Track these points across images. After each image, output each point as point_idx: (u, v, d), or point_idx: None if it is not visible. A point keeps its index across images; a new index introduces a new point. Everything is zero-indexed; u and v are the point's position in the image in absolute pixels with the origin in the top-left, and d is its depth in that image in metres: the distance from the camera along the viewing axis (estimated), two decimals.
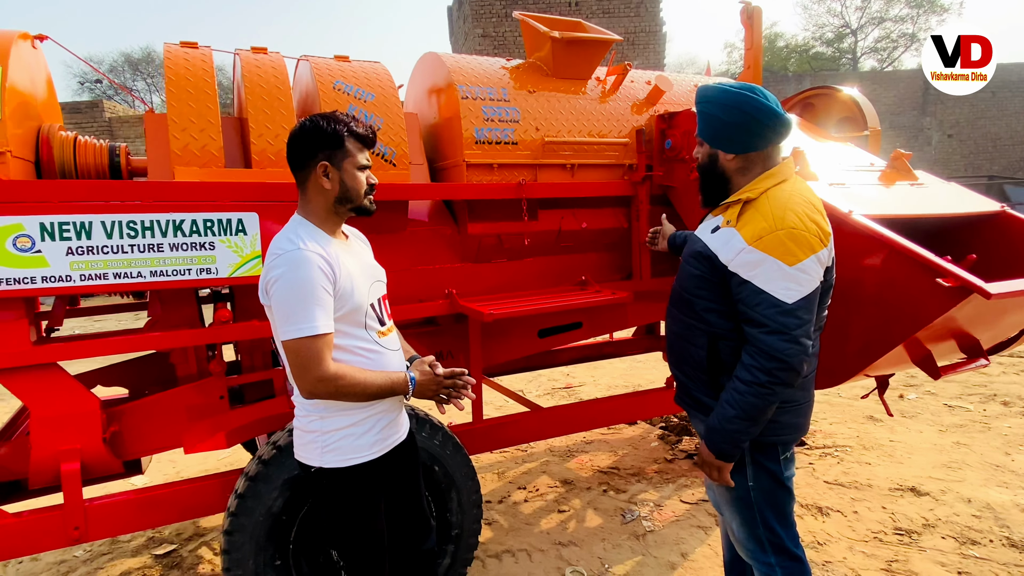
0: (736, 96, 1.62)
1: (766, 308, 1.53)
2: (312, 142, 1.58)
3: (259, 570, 2.00)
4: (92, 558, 2.92)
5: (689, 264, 1.73)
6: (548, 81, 2.97)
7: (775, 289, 1.52)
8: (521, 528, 3.05)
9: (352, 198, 1.62)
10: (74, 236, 2.00)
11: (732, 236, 1.59)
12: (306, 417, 1.62)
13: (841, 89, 3.47)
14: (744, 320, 1.59)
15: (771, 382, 1.53)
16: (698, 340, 1.71)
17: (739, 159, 1.65)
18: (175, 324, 2.37)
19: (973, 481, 3.36)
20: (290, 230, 1.59)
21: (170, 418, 2.31)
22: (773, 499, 1.74)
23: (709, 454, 1.67)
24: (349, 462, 1.60)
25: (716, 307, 1.66)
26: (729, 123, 1.63)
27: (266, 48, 2.58)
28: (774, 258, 1.51)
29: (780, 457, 1.72)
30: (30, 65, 2.37)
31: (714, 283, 1.64)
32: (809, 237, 1.53)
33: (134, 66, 28.76)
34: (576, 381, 5.68)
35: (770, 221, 1.54)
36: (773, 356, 1.52)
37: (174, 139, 2.20)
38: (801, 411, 1.74)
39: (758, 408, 1.56)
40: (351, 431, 1.61)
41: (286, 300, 1.49)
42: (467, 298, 2.63)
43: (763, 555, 1.77)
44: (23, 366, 2.03)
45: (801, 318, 1.53)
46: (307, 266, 1.49)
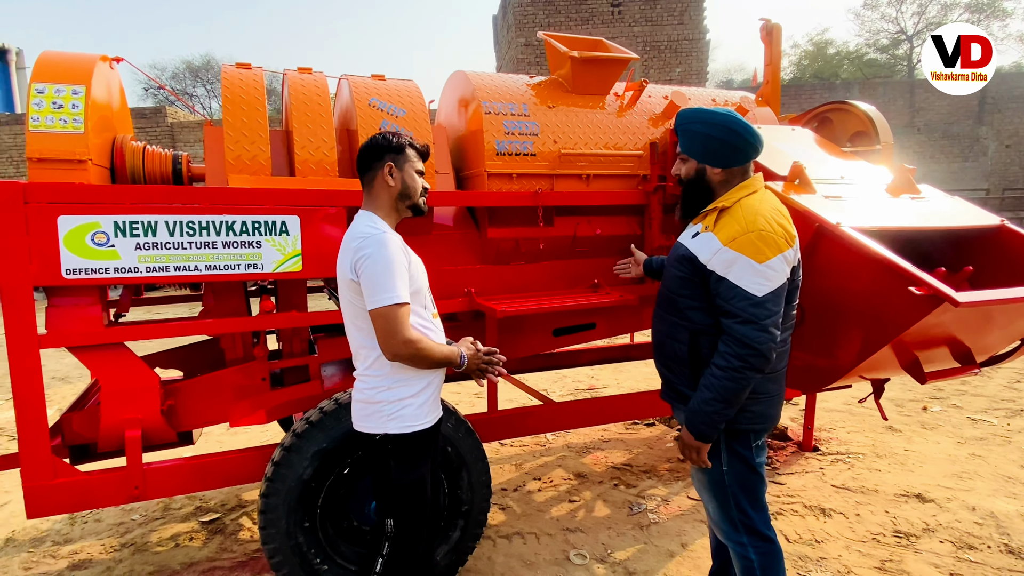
0: (724, 117, 1.86)
1: (739, 301, 1.73)
2: (381, 148, 1.92)
3: (290, 530, 2.27)
4: (146, 521, 3.26)
5: (674, 267, 1.95)
6: (567, 97, 3.18)
7: (747, 284, 1.72)
8: (532, 514, 3.26)
9: (410, 195, 1.95)
10: (142, 233, 2.31)
11: (710, 239, 1.81)
12: (373, 389, 1.87)
13: (856, 104, 3.57)
14: (721, 313, 1.79)
15: (743, 367, 1.73)
16: (681, 336, 1.91)
17: (723, 173, 1.88)
18: (225, 313, 2.68)
19: (981, 491, 3.41)
20: (367, 219, 1.89)
21: (218, 396, 2.61)
22: (745, 483, 1.92)
23: (689, 436, 1.86)
24: (410, 428, 1.87)
25: (698, 305, 1.87)
26: (718, 140, 1.86)
27: (311, 68, 2.88)
28: (746, 256, 1.73)
29: (752, 444, 1.91)
30: (108, 83, 2.73)
31: (696, 283, 1.85)
32: (776, 239, 1.75)
33: (194, 73, 30.20)
34: (600, 383, 5.84)
35: (743, 224, 1.76)
36: (745, 344, 1.72)
37: (228, 150, 2.51)
38: (772, 402, 1.92)
39: (732, 391, 1.75)
40: (411, 401, 1.88)
41: (376, 274, 1.76)
42: (484, 297, 2.87)
43: (736, 535, 1.95)
44: (96, 344, 2.36)
45: (770, 310, 1.73)
46: (392, 246, 1.80)
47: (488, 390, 3.01)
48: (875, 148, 3.39)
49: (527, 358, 4.08)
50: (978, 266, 2.64)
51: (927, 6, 27.87)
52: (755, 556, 1.94)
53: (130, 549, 3.00)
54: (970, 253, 2.75)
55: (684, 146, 1.94)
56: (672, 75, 17.18)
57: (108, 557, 2.93)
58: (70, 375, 6.32)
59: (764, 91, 3.75)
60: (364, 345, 1.89)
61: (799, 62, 31.73)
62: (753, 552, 1.94)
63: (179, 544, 3.02)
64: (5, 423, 5.09)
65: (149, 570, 2.81)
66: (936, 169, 18.00)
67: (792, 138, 3.26)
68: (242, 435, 4.44)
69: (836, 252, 2.27)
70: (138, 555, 2.94)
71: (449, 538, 2.50)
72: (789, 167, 2.64)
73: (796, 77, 30.60)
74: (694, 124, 1.90)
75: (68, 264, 2.23)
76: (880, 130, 3.41)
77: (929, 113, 18.47)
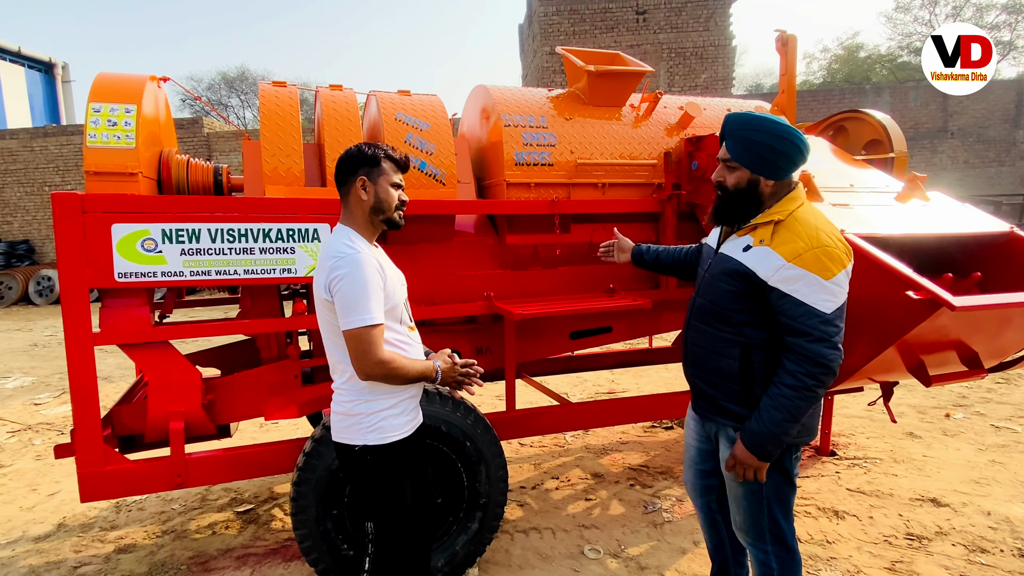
0: (783, 127, 1.78)
1: (809, 319, 1.70)
2: (355, 161, 1.90)
3: (319, 517, 2.43)
4: (186, 511, 3.47)
5: (723, 281, 1.88)
6: (584, 109, 3.31)
7: (815, 301, 1.69)
8: (549, 511, 3.37)
9: (384, 209, 1.91)
10: (187, 240, 2.51)
11: (769, 254, 1.76)
12: (351, 402, 1.88)
13: (872, 113, 3.63)
14: (786, 331, 1.75)
15: (816, 385, 1.72)
16: (730, 352, 1.87)
17: (775, 184, 1.82)
18: (262, 314, 2.86)
19: (998, 496, 3.42)
20: (343, 236, 1.87)
21: (254, 391, 2.80)
22: (781, 494, 1.93)
23: (749, 456, 1.81)
24: (389, 439, 1.89)
25: (752, 320, 1.83)
26: (778, 152, 1.78)
27: (341, 85, 3.06)
28: (813, 273, 1.69)
29: (793, 456, 1.92)
30: (156, 100, 2.95)
31: (750, 298, 1.81)
32: (840, 254, 1.73)
33: (229, 84, 31.07)
34: (620, 387, 5.93)
35: (806, 240, 1.72)
36: (818, 362, 1.70)
37: (266, 163, 2.70)
38: (815, 415, 1.93)
39: (802, 410, 1.74)
40: (389, 412, 1.89)
41: (350, 295, 1.75)
42: (503, 300, 3.00)
43: (762, 544, 1.97)
44: (145, 342, 2.56)
45: (838, 326, 1.72)
46: (366, 266, 1.78)
47: (506, 391, 3.15)
48: (889, 156, 3.45)
49: (547, 361, 4.21)
50: (988, 272, 2.69)
51: (962, 8, 27.30)
52: (776, 565, 1.96)
53: (171, 535, 3.19)
54: (981, 259, 2.79)
55: (736, 154, 1.83)
56: (698, 82, 17.17)
57: (151, 542, 3.13)
58: (112, 375, 6.64)
59: (779, 100, 3.83)
60: (341, 360, 1.89)
61: (829, 66, 31.30)
62: (775, 562, 1.96)
63: (216, 532, 3.22)
64: (53, 418, 5.39)
65: (188, 555, 3.00)
66: (971, 174, 17.60)
67: None
68: (272, 432, 4.64)
69: None
70: (178, 541, 3.14)
71: (468, 529, 2.64)
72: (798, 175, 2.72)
73: (827, 81, 30.20)
74: (751, 131, 1.81)
75: (120, 268, 2.44)
76: (894, 138, 3.47)
77: (963, 117, 18.07)
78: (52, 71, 21.77)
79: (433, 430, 2.51)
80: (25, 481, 3.98)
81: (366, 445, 1.88)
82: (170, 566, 2.91)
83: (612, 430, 4.62)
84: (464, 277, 3.06)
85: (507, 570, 2.81)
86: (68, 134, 15.15)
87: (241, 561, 2.93)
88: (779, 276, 1.73)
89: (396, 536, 1.99)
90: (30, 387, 6.52)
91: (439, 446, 2.56)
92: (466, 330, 3.22)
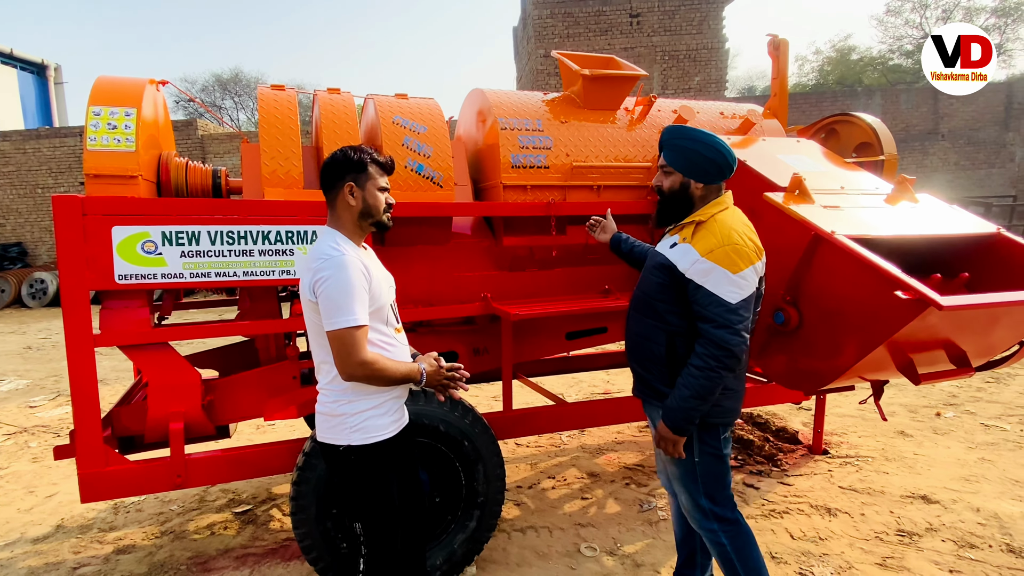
0: (710, 137, 2.06)
1: (715, 307, 1.92)
2: (341, 167, 1.90)
3: (319, 516, 2.46)
4: (184, 511, 3.48)
5: (652, 274, 2.12)
6: (579, 112, 3.36)
7: (723, 292, 1.92)
8: (546, 510, 3.41)
9: (372, 213, 1.93)
10: (187, 242, 2.53)
11: (688, 250, 1.99)
12: (335, 402, 1.89)
13: (862, 117, 3.69)
14: (698, 318, 1.97)
15: (718, 367, 1.92)
16: (658, 338, 2.09)
17: (704, 188, 2.07)
18: (261, 316, 2.89)
19: (987, 493, 3.47)
20: (329, 238, 1.89)
21: (253, 392, 2.82)
22: (715, 471, 2.11)
23: (667, 430, 2.03)
24: (373, 439, 1.89)
25: (675, 309, 2.05)
26: (704, 158, 2.04)
27: (339, 89, 3.09)
28: (722, 267, 1.92)
29: (721, 437, 2.10)
30: (155, 103, 2.97)
31: (673, 289, 2.03)
32: (749, 252, 1.94)
33: (223, 85, 31.05)
34: (615, 388, 5.97)
35: (719, 238, 1.95)
36: (721, 346, 1.91)
37: (265, 165, 2.73)
38: (737, 397, 2.12)
39: (708, 389, 1.94)
40: (373, 412, 1.90)
41: (334, 296, 1.76)
42: (500, 301, 3.04)
43: (707, 523, 2.14)
44: (145, 344, 2.58)
45: (742, 315, 1.92)
46: (351, 268, 1.80)
47: (504, 391, 3.18)
48: (879, 159, 3.50)
49: (543, 361, 4.25)
50: (976, 273, 2.74)
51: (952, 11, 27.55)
52: (726, 540, 2.12)
53: (170, 536, 3.21)
54: (969, 260, 2.84)
55: (670, 159, 2.09)
56: (691, 84, 17.27)
57: (150, 543, 3.15)
58: (107, 377, 6.62)
59: (772, 104, 3.89)
60: (325, 361, 1.90)
61: (822, 68, 31.51)
62: (724, 536, 2.12)
63: (215, 532, 3.23)
64: (48, 421, 5.38)
65: (188, 555, 3.01)
66: (961, 176, 17.77)
67: (796, 150, 3.38)
68: (269, 433, 4.66)
69: (831, 259, 2.40)
70: (177, 542, 3.15)
71: (466, 528, 2.67)
72: (790, 178, 2.77)
73: (819, 83, 30.39)
74: (683, 140, 2.07)
75: (120, 270, 2.46)
76: (884, 142, 3.52)
77: (954, 119, 18.23)
78: (44, 73, 21.67)
79: (431, 429, 2.54)
80: (22, 483, 3.98)
81: (350, 445, 1.89)
82: (169, 566, 2.92)
83: (607, 430, 4.66)
84: (461, 278, 3.09)
85: (505, 568, 2.84)
86: (61, 136, 15.10)
87: (240, 561, 2.95)
88: (694, 269, 1.96)
89: (384, 536, 2.00)
90: (25, 390, 6.51)
91: (437, 445, 2.59)
92: (463, 331, 3.26)
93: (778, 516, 3.27)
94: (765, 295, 2.62)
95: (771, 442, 4.28)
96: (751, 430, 4.50)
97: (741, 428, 4.52)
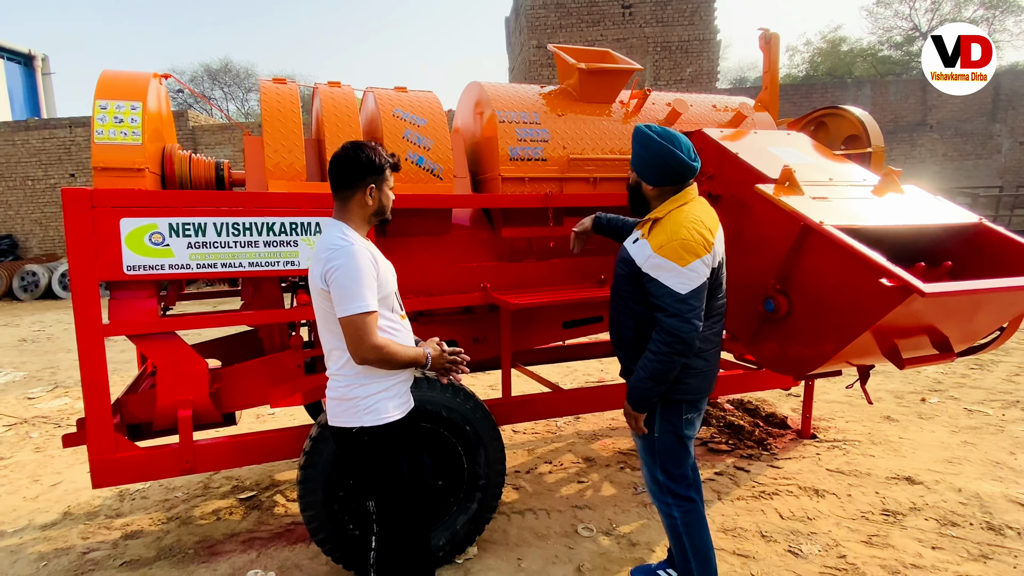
0: (659, 146, 2.15)
1: (666, 297, 2.08)
2: (363, 169, 1.97)
3: (327, 499, 2.54)
4: (189, 498, 3.55)
5: (619, 267, 2.30)
6: (576, 105, 3.42)
7: (673, 284, 2.07)
8: (544, 493, 3.50)
9: (383, 212, 2.08)
10: (193, 234, 2.59)
11: (644, 246, 2.16)
12: (347, 387, 1.98)
13: (851, 110, 3.77)
14: (653, 308, 2.14)
15: (671, 352, 2.08)
16: (628, 323, 2.27)
17: (655, 189, 2.22)
18: (265, 306, 2.95)
19: (969, 474, 3.60)
20: (336, 229, 1.96)
21: (259, 380, 2.88)
22: (672, 449, 2.27)
23: (629, 407, 2.23)
24: (384, 420, 1.99)
25: (638, 297, 2.21)
26: (652, 165, 2.19)
27: (339, 82, 3.14)
28: (671, 261, 2.07)
29: (683, 416, 2.24)
30: (158, 97, 3.01)
31: (635, 280, 2.20)
32: (696, 246, 2.07)
33: (213, 76, 30.75)
34: (609, 376, 6.07)
35: (669, 235, 2.09)
36: (672, 333, 2.07)
37: (268, 158, 2.78)
38: (704, 377, 2.25)
39: (662, 372, 2.11)
40: (384, 395, 2.00)
41: (345, 284, 1.85)
42: (499, 291, 3.11)
43: (661, 495, 2.32)
44: (153, 333, 2.64)
45: (692, 305, 2.07)
46: (361, 257, 1.89)
47: (503, 378, 3.26)
48: (867, 151, 3.59)
49: (539, 351, 4.33)
50: (959, 261, 2.84)
51: (941, 3, 27.69)
52: (678, 514, 2.28)
53: (176, 522, 3.28)
54: (952, 249, 2.95)
55: (632, 158, 2.27)
56: (683, 76, 17.32)
57: (157, 528, 3.22)
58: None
59: (763, 97, 3.97)
60: (336, 347, 1.98)
61: (812, 59, 31.61)
62: (676, 510, 2.28)
63: (220, 518, 3.31)
64: (48, 412, 5.42)
65: (195, 540, 3.09)
66: (949, 167, 17.97)
67: (786, 142, 3.46)
68: (269, 422, 4.73)
69: (819, 248, 2.49)
70: (184, 527, 3.22)
71: (468, 509, 2.76)
72: (780, 170, 2.86)
73: (809, 75, 30.50)
74: (636, 144, 2.23)
75: (129, 261, 2.51)
76: (872, 134, 3.61)
77: (942, 111, 18.41)
78: (32, 63, 21.41)
79: (435, 415, 2.62)
80: (26, 472, 4.03)
81: (363, 426, 1.98)
82: (178, 550, 3.00)
83: (602, 417, 4.76)
84: (461, 269, 3.16)
85: (505, 548, 2.93)
86: (51, 128, 14.97)
87: (247, 545, 3.02)
88: (648, 263, 2.12)
89: (398, 512, 2.09)
90: (22, 382, 6.53)
91: (440, 430, 2.67)
92: (463, 320, 3.33)
93: (768, 497, 3.38)
94: (755, 284, 2.73)
95: (761, 427, 4.40)
96: (742, 416, 4.62)
97: (732, 414, 4.63)
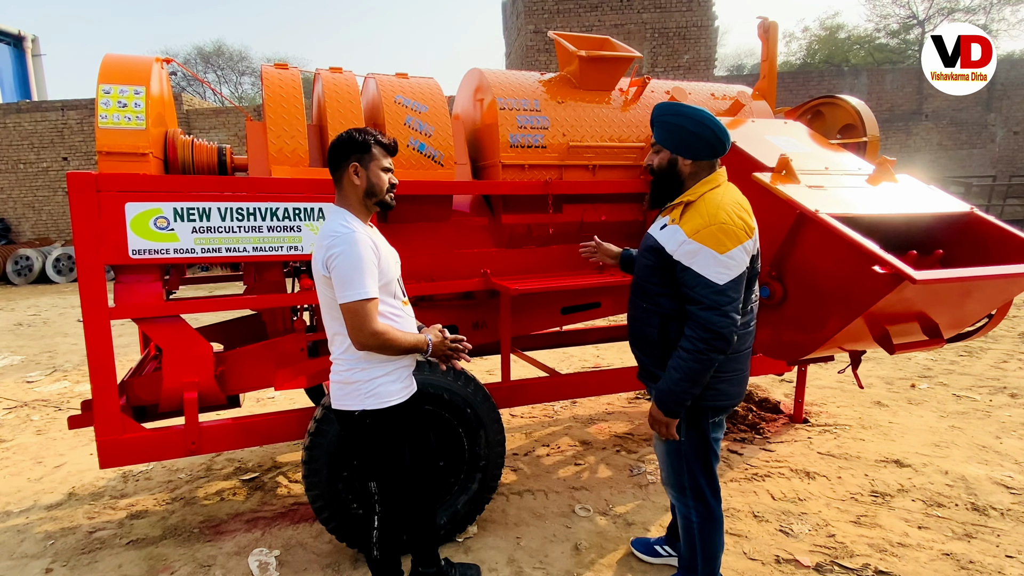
0: (699, 112, 2.00)
1: (702, 288, 1.90)
2: (347, 148, 2.01)
3: (331, 479, 2.59)
4: (192, 479, 3.60)
5: (644, 257, 2.13)
6: (575, 92, 3.45)
7: (709, 273, 1.89)
8: (541, 475, 3.57)
9: (376, 192, 2.04)
10: (198, 218, 2.61)
11: (676, 231, 1.97)
12: (349, 370, 2.03)
13: (847, 99, 3.81)
14: (686, 300, 1.97)
15: (708, 349, 1.90)
16: (652, 321, 2.08)
17: (693, 165, 2.02)
18: (268, 290, 2.98)
19: (956, 458, 3.69)
20: (339, 216, 1.99)
21: (263, 363, 2.93)
22: (700, 455, 2.15)
23: (659, 412, 2.05)
24: (386, 404, 2.04)
25: (666, 292, 2.04)
26: (692, 133, 1.99)
27: (341, 68, 3.16)
28: (708, 248, 1.89)
29: (710, 421, 2.12)
30: (161, 81, 3.02)
31: (663, 271, 2.02)
32: (737, 231, 1.90)
33: (205, 59, 30.45)
34: (604, 362, 6.14)
35: (706, 218, 1.92)
36: (708, 328, 1.89)
37: (271, 144, 2.80)
38: (735, 381, 2.10)
39: (698, 372, 1.93)
40: (385, 379, 2.04)
41: (346, 271, 1.88)
42: (499, 277, 3.16)
43: (683, 498, 2.23)
44: (159, 316, 2.67)
45: (730, 296, 1.90)
46: (361, 245, 1.91)
47: (502, 363, 3.32)
48: (862, 140, 3.64)
49: (537, 336, 4.39)
50: (950, 250, 2.91)
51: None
52: (696, 519, 2.21)
53: (180, 502, 3.34)
54: (944, 238, 3.01)
55: (659, 137, 2.06)
56: (681, 62, 17.27)
57: (162, 509, 3.27)
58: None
59: (760, 85, 4.00)
60: (339, 332, 2.02)
61: (810, 46, 31.53)
62: (695, 515, 2.21)
63: (224, 498, 3.36)
64: (48, 395, 5.45)
65: (199, 519, 3.15)
66: (944, 156, 18.05)
67: (783, 131, 3.51)
68: (269, 405, 4.78)
69: (814, 236, 2.54)
70: (188, 507, 3.28)
71: (469, 489, 2.82)
72: (777, 159, 2.90)
73: (806, 63, 30.44)
74: (671, 116, 2.02)
75: (134, 245, 2.54)
76: (867, 123, 3.66)
77: (937, 100, 18.44)
78: (22, 45, 21.13)
79: (437, 398, 2.67)
80: (29, 454, 4.08)
81: (364, 410, 2.03)
82: (183, 529, 3.05)
83: (598, 401, 4.84)
84: (461, 255, 3.20)
85: (504, 527, 3.00)
86: (43, 110, 14.84)
87: (251, 524, 3.08)
88: (682, 250, 1.94)
89: (398, 493, 2.15)
90: (20, 366, 6.55)
91: (442, 412, 2.73)
92: (463, 305, 3.38)
93: (760, 479, 3.46)
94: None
95: (754, 412, 4.48)
96: None
97: None
